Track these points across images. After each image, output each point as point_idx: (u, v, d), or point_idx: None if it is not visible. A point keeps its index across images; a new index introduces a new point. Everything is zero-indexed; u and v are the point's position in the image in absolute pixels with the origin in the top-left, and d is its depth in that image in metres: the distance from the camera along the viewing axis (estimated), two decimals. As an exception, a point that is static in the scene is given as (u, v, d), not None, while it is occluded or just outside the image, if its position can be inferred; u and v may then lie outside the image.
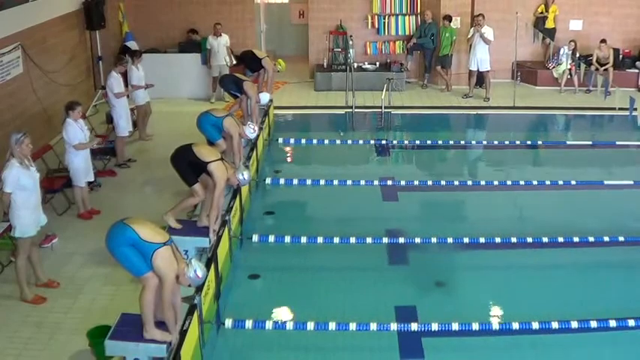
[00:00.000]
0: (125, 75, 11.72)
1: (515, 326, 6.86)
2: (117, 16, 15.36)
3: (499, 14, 16.02)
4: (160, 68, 14.40)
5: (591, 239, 8.65)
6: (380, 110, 13.91)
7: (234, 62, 14.78)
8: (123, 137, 11.35)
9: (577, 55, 15.83)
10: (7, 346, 6.67)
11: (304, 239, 8.51)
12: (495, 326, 7.03)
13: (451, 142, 13.01)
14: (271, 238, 8.54)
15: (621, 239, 8.70)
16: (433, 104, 15.21)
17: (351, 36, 16.00)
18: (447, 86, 16.04)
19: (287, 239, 8.51)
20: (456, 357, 6.77)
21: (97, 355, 6.21)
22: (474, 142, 13.66)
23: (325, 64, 16.57)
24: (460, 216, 10.18)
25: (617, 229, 8.93)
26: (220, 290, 7.42)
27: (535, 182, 10.60)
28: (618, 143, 12.80)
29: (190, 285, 6.07)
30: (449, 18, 15.77)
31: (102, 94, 13.11)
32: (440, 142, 12.91)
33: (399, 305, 7.45)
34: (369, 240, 8.57)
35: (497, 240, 8.60)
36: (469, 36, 15.38)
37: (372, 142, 12.83)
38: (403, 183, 10.66)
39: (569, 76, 15.79)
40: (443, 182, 10.77)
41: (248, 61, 13.38)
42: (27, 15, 11.39)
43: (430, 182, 10.86)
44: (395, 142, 13.22)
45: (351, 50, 15.58)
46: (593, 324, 6.87)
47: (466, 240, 8.61)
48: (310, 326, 6.80)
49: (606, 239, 8.68)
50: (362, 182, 10.48)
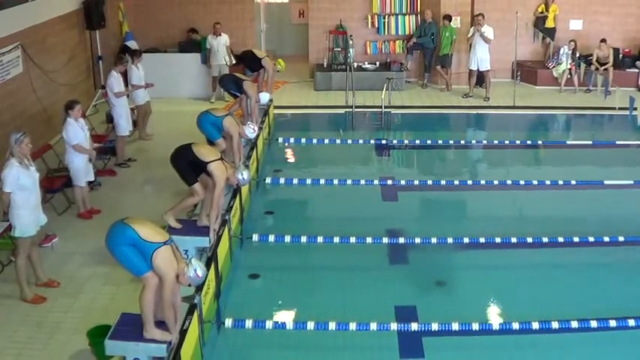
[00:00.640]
0: (125, 74, 11.72)
1: (515, 326, 6.87)
2: (117, 16, 15.35)
3: (499, 14, 16.02)
4: (160, 68, 14.39)
5: (591, 239, 8.65)
6: (380, 110, 13.90)
7: (233, 62, 14.78)
8: (123, 137, 11.35)
9: (577, 55, 15.82)
10: (7, 346, 6.66)
11: (304, 239, 8.51)
12: (495, 326, 7.03)
13: (451, 142, 13.01)
14: (271, 238, 8.55)
15: (621, 239, 8.70)
16: (433, 104, 15.20)
17: (351, 35, 15.99)
18: (447, 86, 16.04)
19: (287, 239, 8.51)
20: (456, 357, 6.77)
21: (97, 355, 6.21)
22: (474, 142, 13.64)
23: (325, 64, 16.55)
24: (460, 216, 10.17)
25: (617, 229, 8.91)
26: (220, 290, 7.42)
27: (535, 182, 10.59)
28: (618, 143, 12.79)
29: (190, 284, 6.07)
30: (449, 17, 15.75)
31: (102, 94, 13.11)
32: (440, 142, 12.90)
33: (399, 305, 7.45)
34: (369, 240, 8.57)
35: (497, 240, 8.60)
36: (469, 35, 15.37)
37: (372, 142, 12.81)
38: (403, 183, 10.66)
39: (569, 76, 15.78)
40: (443, 182, 10.77)
41: (248, 61, 13.38)
42: (27, 14, 11.39)
43: (430, 182, 10.86)
44: (395, 142, 13.21)
45: (351, 50, 15.58)
46: (593, 324, 6.87)
47: (466, 240, 8.61)
48: (310, 326, 6.80)
49: (606, 239, 8.68)
50: (362, 182, 10.48)
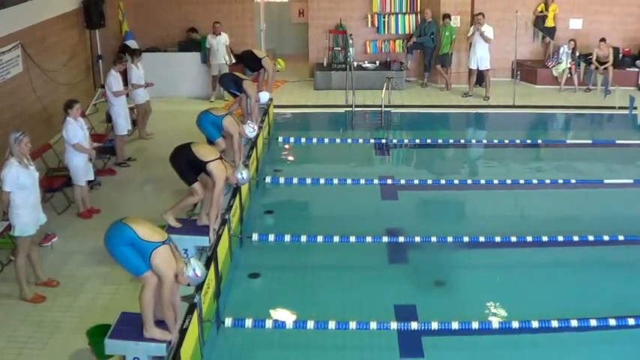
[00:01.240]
0: (124, 74, 11.72)
1: (514, 325, 6.86)
2: (117, 15, 15.35)
3: (499, 13, 16.00)
4: (160, 67, 14.39)
5: (591, 238, 8.64)
6: (380, 109, 13.90)
7: (233, 61, 14.80)
8: (122, 136, 11.35)
9: (577, 54, 15.83)
10: (7, 345, 6.66)
11: (304, 238, 8.50)
12: (495, 325, 7.01)
13: (451, 141, 13.01)
14: (271, 237, 8.54)
15: (621, 238, 8.69)
16: (433, 103, 15.19)
17: (351, 35, 15.98)
18: (447, 85, 16.04)
19: (287, 238, 8.50)
20: (456, 356, 6.77)
21: (97, 354, 6.20)
22: (474, 141, 13.65)
23: (325, 63, 16.55)
24: (460, 215, 10.17)
25: (616, 228, 8.91)
26: (220, 289, 7.42)
27: (535, 181, 10.59)
28: (618, 142, 12.79)
29: (189, 284, 6.07)
30: (449, 17, 15.76)
31: (101, 93, 13.11)
32: (440, 141, 12.90)
33: (399, 304, 7.45)
34: (369, 239, 8.56)
35: (497, 239, 8.60)
36: (469, 34, 15.36)
37: (372, 141, 12.81)
38: (403, 182, 10.66)
39: (569, 75, 15.78)
40: (442, 181, 10.78)
41: (247, 61, 13.36)
42: (27, 14, 11.39)
43: (430, 181, 10.85)
44: (395, 141, 13.21)
45: (351, 49, 15.56)
46: (592, 323, 6.86)
47: (466, 239, 8.60)
48: (310, 325, 6.80)
49: (606, 238, 8.66)
50: (362, 181, 10.47)
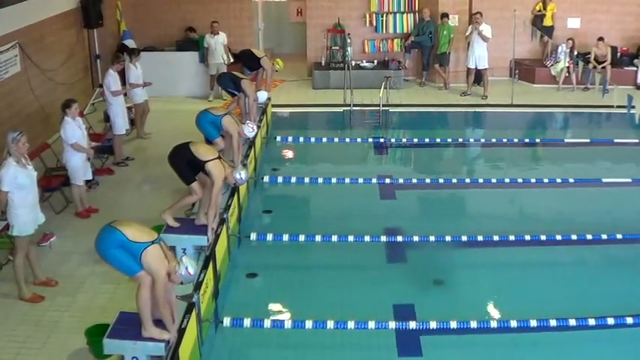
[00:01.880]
0: (122, 73, 11.71)
1: (513, 324, 6.86)
2: (115, 15, 15.32)
3: (497, 12, 15.99)
4: (158, 66, 14.36)
5: (589, 237, 8.66)
6: (378, 108, 13.90)
7: (231, 60, 14.78)
8: (120, 135, 11.35)
9: (575, 53, 15.84)
10: (6, 345, 6.66)
11: (302, 237, 8.50)
12: (493, 324, 7.02)
13: (449, 140, 13.01)
14: (269, 237, 8.53)
15: (619, 237, 8.70)
16: (431, 102, 15.19)
17: (349, 34, 15.99)
18: (445, 84, 16.04)
19: (285, 237, 8.49)
20: (454, 355, 6.78)
21: (96, 354, 6.21)
22: (472, 140, 13.66)
23: (323, 62, 16.53)
24: (458, 214, 10.17)
25: (615, 227, 8.92)
26: (218, 289, 7.42)
27: (533, 180, 10.59)
28: (616, 141, 12.79)
29: (183, 282, 6.06)
30: (447, 16, 15.75)
31: (99, 93, 13.10)
32: (438, 140, 12.91)
33: (397, 303, 7.45)
34: (367, 238, 8.55)
35: (495, 238, 8.59)
36: (467, 34, 15.35)
37: (370, 140, 12.81)
38: (401, 181, 10.66)
39: (567, 74, 15.79)
40: (441, 180, 10.77)
41: (246, 60, 13.36)
42: (25, 13, 11.36)
43: (428, 180, 10.87)
44: (393, 140, 13.21)
45: (349, 48, 15.56)
46: (591, 322, 6.86)
47: (464, 238, 8.60)
48: (308, 324, 6.79)
49: (604, 237, 8.68)
50: (360, 180, 10.47)
